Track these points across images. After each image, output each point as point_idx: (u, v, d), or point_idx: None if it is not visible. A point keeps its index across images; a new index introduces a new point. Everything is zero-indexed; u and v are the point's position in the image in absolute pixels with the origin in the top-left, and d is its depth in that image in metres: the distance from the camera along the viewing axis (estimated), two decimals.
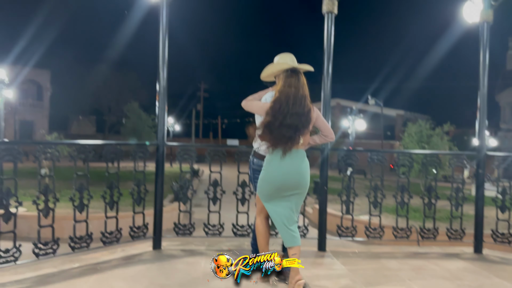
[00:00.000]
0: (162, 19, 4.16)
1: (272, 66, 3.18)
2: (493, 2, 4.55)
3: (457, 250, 4.64)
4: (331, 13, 4.40)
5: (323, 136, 3.23)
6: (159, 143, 4.17)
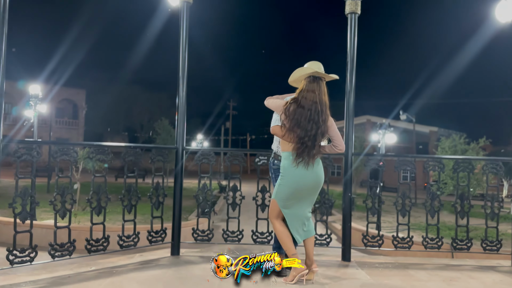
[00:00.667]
0: (182, 35, 4.16)
1: (297, 71, 3.25)
2: None
3: (493, 263, 4.31)
4: (354, 13, 4.29)
5: (333, 146, 3.26)
6: (178, 147, 4.12)
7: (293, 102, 3.11)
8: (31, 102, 11.68)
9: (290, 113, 3.07)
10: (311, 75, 3.16)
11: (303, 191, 3.17)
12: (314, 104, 3.07)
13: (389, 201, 5.99)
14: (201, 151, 4.29)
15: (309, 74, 3.17)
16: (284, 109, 3.10)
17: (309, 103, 3.07)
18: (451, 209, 4.44)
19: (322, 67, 3.28)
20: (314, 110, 3.06)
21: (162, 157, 4.11)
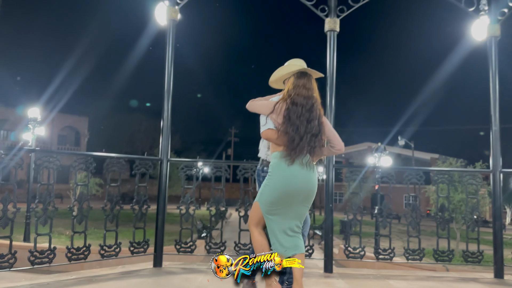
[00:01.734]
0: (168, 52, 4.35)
1: (282, 68, 2.98)
2: (500, 17, 4.49)
3: (476, 275, 4.31)
4: (333, 31, 4.47)
5: (331, 147, 2.86)
6: (163, 158, 4.21)
7: (284, 100, 2.78)
8: (30, 125, 11.89)
9: (282, 112, 2.74)
10: (300, 71, 2.87)
11: (292, 196, 2.69)
12: (307, 100, 2.76)
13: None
14: (185, 163, 4.38)
15: (298, 71, 2.87)
16: (275, 108, 2.77)
17: (302, 100, 2.75)
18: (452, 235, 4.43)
19: (304, 63, 2.99)
20: (309, 106, 2.75)
21: (145, 169, 4.19)
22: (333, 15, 4.51)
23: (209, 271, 4.06)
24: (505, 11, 4.51)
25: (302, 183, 2.71)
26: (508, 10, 4.51)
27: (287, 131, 2.70)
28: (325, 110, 4.41)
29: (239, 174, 4.36)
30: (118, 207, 3.96)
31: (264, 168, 3.09)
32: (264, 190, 2.75)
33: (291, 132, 2.68)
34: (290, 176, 2.69)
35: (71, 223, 3.73)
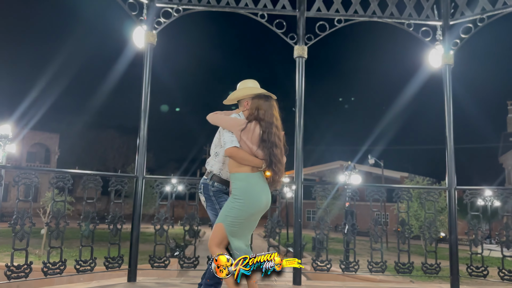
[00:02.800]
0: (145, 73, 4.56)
1: (244, 90, 3.09)
2: (453, 47, 4.92)
3: (434, 286, 4.61)
4: (302, 57, 4.80)
5: None
6: (138, 175, 4.37)
7: (253, 120, 2.91)
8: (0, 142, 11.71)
9: (257, 133, 2.85)
10: (264, 94, 3.02)
11: (256, 215, 2.88)
12: (275, 121, 2.93)
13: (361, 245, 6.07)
14: (160, 180, 4.55)
15: (260, 93, 3.02)
16: (247, 127, 2.86)
17: (270, 121, 2.90)
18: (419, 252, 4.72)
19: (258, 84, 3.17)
20: (276, 127, 2.91)
21: (121, 186, 4.33)
22: (301, 42, 4.84)
23: (182, 285, 4.22)
24: (458, 41, 4.95)
25: (265, 201, 2.89)
26: (460, 41, 4.95)
27: (258, 150, 2.82)
28: (294, 130, 4.72)
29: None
30: (93, 224, 4.08)
31: (215, 184, 3.09)
32: (231, 213, 2.81)
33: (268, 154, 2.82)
34: (258, 199, 2.84)
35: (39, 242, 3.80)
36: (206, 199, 3.13)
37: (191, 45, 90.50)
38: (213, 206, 3.09)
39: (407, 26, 5.02)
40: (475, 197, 4.63)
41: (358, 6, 4.98)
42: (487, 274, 4.44)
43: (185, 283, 4.35)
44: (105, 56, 78.42)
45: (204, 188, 3.13)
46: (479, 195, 4.67)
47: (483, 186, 4.68)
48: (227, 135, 2.93)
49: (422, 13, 5.03)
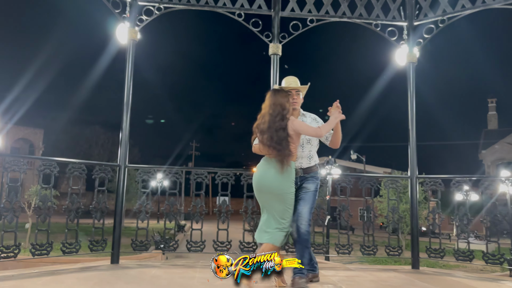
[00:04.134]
0: (128, 69, 4.82)
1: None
2: (416, 46, 5.29)
3: (397, 267, 4.99)
4: (276, 55, 5.12)
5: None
6: (121, 164, 4.65)
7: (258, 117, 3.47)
8: None
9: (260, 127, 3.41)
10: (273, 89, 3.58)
11: (261, 194, 3.39)
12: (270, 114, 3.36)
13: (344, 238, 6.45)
14: (141, 169, 4.83)
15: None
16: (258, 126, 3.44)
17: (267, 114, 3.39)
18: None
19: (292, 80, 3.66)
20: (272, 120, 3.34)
21: (104, 174, 4.60)
22: (276, 41, 5.16)
23: (162, 266, 4.52)
24: (421, 41, 5.32)
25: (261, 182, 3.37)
26: (423, 40, 5.32)
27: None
28: None
29: (191, 179, 4.86)
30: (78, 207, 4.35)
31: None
32: None
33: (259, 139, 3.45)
34: (257, 175, 3.43)
35: (24, 236, 4.05)
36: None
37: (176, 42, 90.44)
38: None
39: (374, 26, 5.38)
40: (435, 185, 5.02)
41: (329, 7, 5.32)
42: (444, 255, 4.84)
43: (165, 264, 4.65)
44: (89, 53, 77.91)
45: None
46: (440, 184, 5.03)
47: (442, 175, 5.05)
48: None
49: (389, 14, 5.40)
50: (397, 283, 3.93)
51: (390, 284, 3.84)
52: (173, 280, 3.72)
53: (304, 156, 3.59)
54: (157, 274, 3.99)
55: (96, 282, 3.54)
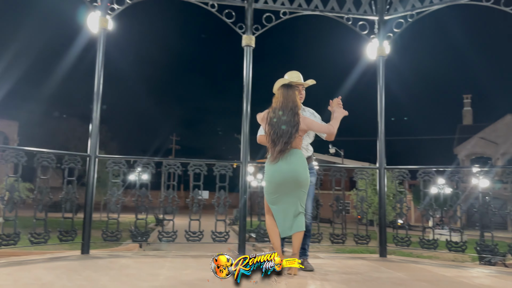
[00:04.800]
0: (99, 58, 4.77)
1: (277, 82, 3.64)
2: (386, 40, 5.40)
3: (365, 255, 5.13)
4: (250, 46, 5.15)
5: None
6: (91, 155, 4.62)
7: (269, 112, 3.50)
8: None
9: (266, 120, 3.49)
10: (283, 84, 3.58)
11: (282, 185, 3.37)
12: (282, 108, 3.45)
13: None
14: (112, 159, 4.81)
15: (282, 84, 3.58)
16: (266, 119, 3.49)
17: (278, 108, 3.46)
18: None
19: (296, 76, 3.81)
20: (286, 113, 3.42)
21: (74, 164, 4.56)
22: (249, 32, 5.19)
23: (134, 257, 4.53)
24: (391, 35, 5.43)
25: (285, 173, 3.37)
26: (393, 35, 5.43)
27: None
28: (241, 118, 5.08)
29: (163, 170, 4.86)
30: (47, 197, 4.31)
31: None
32: (264, 185, 3.51)
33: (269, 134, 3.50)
34: (273, 170, 3.42)
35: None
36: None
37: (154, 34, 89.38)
38: None
39: (346, 20, 5.46)
40: (402, 176, 5.16)
41: (302, 0, 5.37)
42: (410, 243, 4.99)
43: (136, 255, 4.66)
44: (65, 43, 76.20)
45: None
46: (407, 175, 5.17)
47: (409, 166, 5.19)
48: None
49: (360, 8, 5.49)
50: (363, 269, 4.04)
51: (357, 270, 3.94)
52: (142, 269, 3.74)
53: (303, 148, 3.75)
54: (126, 263, 4.00)
55: (63, 271, 3.53)
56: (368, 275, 3.74)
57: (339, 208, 5.14)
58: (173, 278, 3.33)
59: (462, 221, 5.12)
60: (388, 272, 3.97)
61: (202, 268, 3.80)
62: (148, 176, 5.06)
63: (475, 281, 3.65)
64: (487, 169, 4.87)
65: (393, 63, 5.92)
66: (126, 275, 3.45)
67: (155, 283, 3.11)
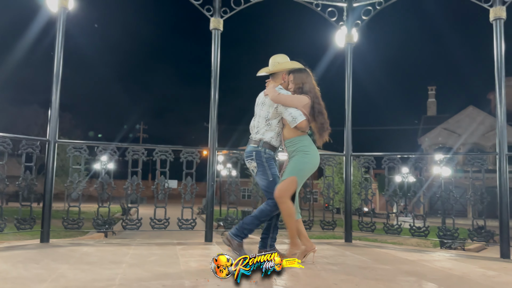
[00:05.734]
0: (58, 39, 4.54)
1: (286, 64, 3.58)
2: (355, 28, 5.42)
3: (331, 240, 5.18)
4: (217, 30, 5.04)
5: None
6: (50, 140, 4.42)
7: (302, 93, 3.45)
8: None
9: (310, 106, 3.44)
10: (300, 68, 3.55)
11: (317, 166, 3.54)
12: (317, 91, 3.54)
13: None
14: (73, 145, 4.63)
15: (298, 68, 3.55)
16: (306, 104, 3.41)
17: (314, 92, 3.49)
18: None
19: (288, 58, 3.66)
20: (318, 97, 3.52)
21: (32, 149, 4.35)
22: (217, 15, 5.07)
23: (96, 245, 4.39)
24: (359, 22, 5.45)
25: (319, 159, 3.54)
26: (361, 22, 5.45)
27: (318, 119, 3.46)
28: (209, 104, 4.99)
29: (127, 156, 4.72)
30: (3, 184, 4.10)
31: (266, 151, 3.45)
32: (305, 167, 3.38)
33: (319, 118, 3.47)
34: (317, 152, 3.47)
35: None
36: (258, 165, 3.45)
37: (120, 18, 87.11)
38: (265, 172, 3.44)
39: (315, 6, 5.43)
40: (367, 163, 5.23)
41: None
42: (375, 229, 5.08)
43: (99, 243, 4.52)
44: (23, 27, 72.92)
45: (257, 155, 3.45)
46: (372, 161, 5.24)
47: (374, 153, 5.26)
48: (294, 110, 3.38)
49: None
50: (329, 254, 4.07)
51: (322, 255, 3.97)
52: (104, 257, 3.62)
53: None
54: (88, 251, 3.87)
55: (21, 260, 3.37)
56: (333, 259, 3.78)
57: (307, 196, 5.15)
58: (137, 266, 3.24)
59: (425, 208, 5.25)
60: (353, 256, 4.02)
61: (166, 255, 3.73)
62: (112, 163, 4.90)
63: (436, 264, 3.75)
64: (450, 156, 4.98)
65: (362, 52, 5.96)
66: (87, 263, 3.34)
67: (117, 271, 3.01)
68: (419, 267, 3.55)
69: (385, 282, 2.89)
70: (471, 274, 3.29)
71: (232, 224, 4.90)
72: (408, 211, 28.15)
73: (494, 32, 4.42)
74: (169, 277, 2.87)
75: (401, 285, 2.84)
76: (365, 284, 2.83)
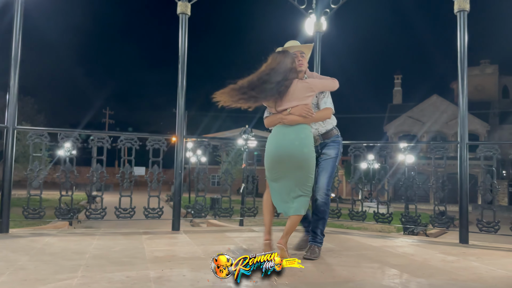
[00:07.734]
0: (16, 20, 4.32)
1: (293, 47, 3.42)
2: (323, 16, 5.42)
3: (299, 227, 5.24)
4: (185, 14, 4.92)
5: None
6: (9, 126, 4.23)
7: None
8: None
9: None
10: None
11: (281, 163, 3.07)
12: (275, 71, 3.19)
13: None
14: (33, 131, 4.45)
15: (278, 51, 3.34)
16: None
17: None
18: None
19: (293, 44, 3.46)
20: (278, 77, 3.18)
21: None
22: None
23: (59, 235, 4.27)
24: (328, 11, 5.46)
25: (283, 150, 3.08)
26: (330, 10, 5.46)
27: None
28: (177, 90, 4.89)
29: (90, 143, 4.59)
30: None
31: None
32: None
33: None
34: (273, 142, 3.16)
35: None
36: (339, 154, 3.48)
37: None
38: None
39: None
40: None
41: None
42: (340, 215, 5.18)
43: (62, 232, 4.40)
44: None
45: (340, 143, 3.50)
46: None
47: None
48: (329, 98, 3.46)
49: None
50: (294, 241, 4.12)
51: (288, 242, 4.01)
52: (67, 247, 3.53)
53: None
54: (50, 242, 3.75)
55: None
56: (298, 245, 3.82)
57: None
58: (101, 257, 3.17)
59: (389, 194, 5.37)
60: None
61: (132, 246, 3.67)
62: (75, 150, 4.74)
63: (399, 250, 3.86)
64: (413, 145, 5.11)
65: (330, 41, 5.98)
66: (49, 254, 3.24)
67: (80, 262, 2.94)
68: (382, 253, 3.65)
69: (349, 269, 2.95)
70: (431, 260, 3.41)
71: (201, 212, 4.88)
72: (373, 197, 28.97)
73: (458, 23, 4.52)
74: (134, 268, 2.82)
75: (365, 271, 2.91)
76: (330, 271, 2.89)
